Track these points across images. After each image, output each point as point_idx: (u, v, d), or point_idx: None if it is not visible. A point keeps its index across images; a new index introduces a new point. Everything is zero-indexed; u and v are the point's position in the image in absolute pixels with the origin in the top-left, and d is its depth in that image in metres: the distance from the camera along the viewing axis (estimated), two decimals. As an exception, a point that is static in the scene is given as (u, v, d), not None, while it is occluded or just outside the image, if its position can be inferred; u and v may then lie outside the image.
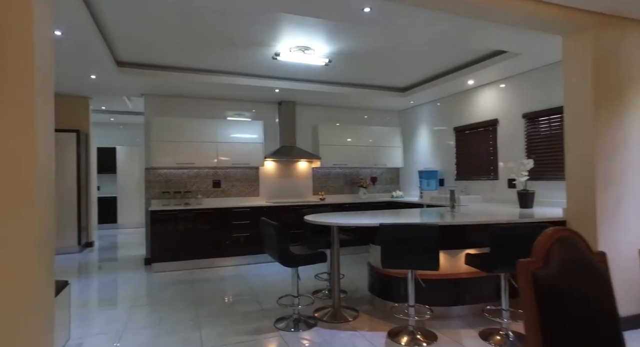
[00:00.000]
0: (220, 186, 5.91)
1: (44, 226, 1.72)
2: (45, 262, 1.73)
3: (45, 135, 1.78)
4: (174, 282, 4.51)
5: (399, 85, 5.80)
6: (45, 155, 1.77)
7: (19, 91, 1.59)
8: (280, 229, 2.92)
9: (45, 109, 1.78)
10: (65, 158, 6.33)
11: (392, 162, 6.72)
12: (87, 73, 4.49)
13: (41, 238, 1.67)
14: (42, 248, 1.70)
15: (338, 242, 3.42)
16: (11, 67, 1.59)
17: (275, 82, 5.27)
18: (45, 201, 1.75)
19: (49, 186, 1.81)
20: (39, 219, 1.66)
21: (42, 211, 1.70)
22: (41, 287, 1.69)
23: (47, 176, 1.77)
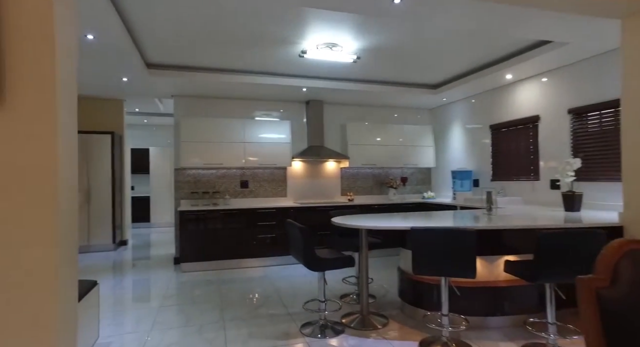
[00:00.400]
0: (247, 186, 5.90)
1: (65, 229, 1.69)
2: (66, 265, 1.70)
3: (67, 140, 1.75)
4: (201, 282, 4.52)
5: (430, 82, 5.57)
6: (67, 159, 1.74)
7: (40, 95, 1.57)
8: (306, 231, 2.81)
9: (67, 112, 1.76)
10: (100, 159, 6.54)
11: (424, 162, 6.47)
12: (119, 75, 4.59)
13: (62, 242, 1.64)
14: (63, 251, 1.67)
15: (367, 246, 3.27)
16: (32, 71, 1.56)
17: (303, 81, 5.18)
18: (66, 205, 1.72)
19: (70, 189, 1.78)
20: (60, 223, 1.63)
21: (63, 215, 1.67)
22: (62, 290, 1.66)
23: (68, 180, 1.74)
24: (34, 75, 1.59)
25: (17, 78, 1.57)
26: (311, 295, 3.98)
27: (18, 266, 1.55)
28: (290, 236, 3.14)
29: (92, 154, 6.51)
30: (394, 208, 5.98)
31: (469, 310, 2.97)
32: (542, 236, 2.28)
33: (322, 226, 5.51)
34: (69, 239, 1.72)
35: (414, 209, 6.07)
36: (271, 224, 5.38)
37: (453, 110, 6.27)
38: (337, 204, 5.70)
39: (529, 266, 2.46)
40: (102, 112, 6.98)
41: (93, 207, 6.48)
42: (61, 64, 1.66)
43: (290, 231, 3.08)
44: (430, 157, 6.51)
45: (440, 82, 5.55)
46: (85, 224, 6.44)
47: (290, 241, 3.15)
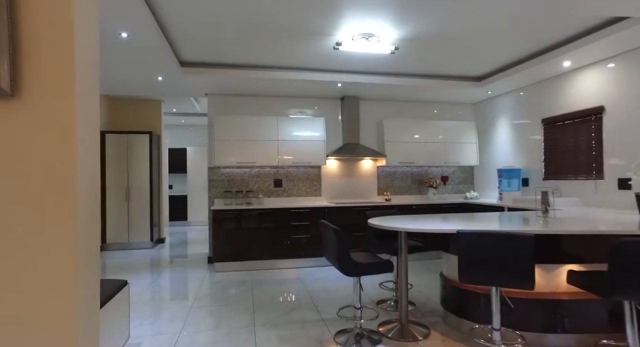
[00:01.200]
0: (281, 185, 5.78)
1: (84, 231, 1.58)
2: (86, 269, 1.60)
3: (87, 140, 1.64)
4: (234, 283, 4.43)
5: (474, 74, 5.18)
6: (87, 156, 1.64)
7: (59, 86, 1.47)
8: (342, 234, 2.61)
9: (88, 105, 1.65)
10: (138, 159, 6.67)
11: (466, 160, 6.07)
12: (154, 74, 4.60)
13: (81, 244, 1.53)
14: (83, 254, 1.57)
15: (406, 250, 3.02)
16: (49, 60, 1.47)
17: (338, 76, 4.98)
18: (86, 208, 1.62)
19: (91, 191, 1.68)
20: (79, 224, 1.53)
21: (82, 218, 1.56)
22: (82, 296, 1.55)
23: (88, 182, 1.64)
24: (52, 63, 1.49)
25: (34, 67, 1.48)
26: (346, 300, 3.77)
27: (34, 270, 1.46)
28: (324, 238, 2.96)
29: (131, 154, 6.66)
30: (434, 209, 5.64)
31: (523, 324, 2.64)
32: (620, 244, 1.93)
33: (357, 226, 5.29)
34: (89, 240, 1.62)
35: (455, 210, 5.70)
36: (305, 224, 5.23)
37: (499, 105, 5.83)
38: (373, 204, 5.46)
39: (601, 278, 2.12)
40: (141, 113, 7.15)
41: (132, 206, 6.63)
42: (80, 52, 1.56)
43: (324, 232, 2.89)
44: (473, 155, 6.10)
45: (485, 74, 5.15)
46: (125, 223, 6.60)
47: (325, 243, 2.96)
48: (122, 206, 6.59)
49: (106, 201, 6.52)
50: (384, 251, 3.48)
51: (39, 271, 1.45)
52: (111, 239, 6.55)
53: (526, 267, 2.09)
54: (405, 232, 2.99)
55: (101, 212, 6.45)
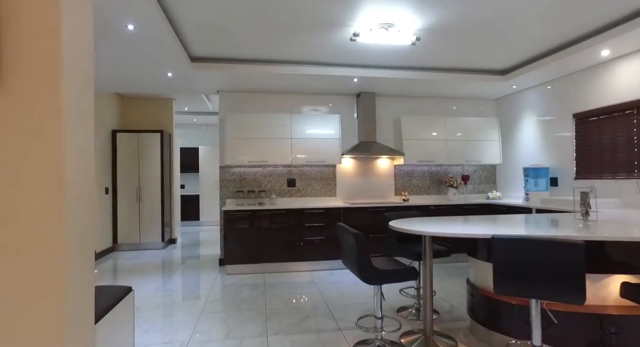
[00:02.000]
0: (294, 185, 5.58)
1: (74, 234, 1.40)
2: (78, 281, 1.42)
3: (78, 136, 1.45)
4: (246, 286, 4.25)
5: (498, 67, 4.89)
6: (78, 158, 1.45)
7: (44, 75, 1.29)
8: (362, 239, 2.39)
9: (78, 96, 1.47)
10: (149, 158, 6.56)
11: (488, 159, 5.77)
12: (164, 70, 4.45)
13: (71, 249, 1.35)
14: (73, 261, 1.38)
15: (431, 255, 2.78)
16: (34, 46, 1.28)
17: (354, 71, 4.75)
18: (77, 211, 1.43)
19: (83, 191, 1.49)
20: (69, 231, 1.34)
21: (72, 222, 1.38)
22: (72, 312, 1.37)
23: (80, 181, 1.45)
24: (36, 51, 1.31)
25: (16, 54, 1.30)
26: (364, 307, 3.54)
27: (14, 283, 1.28)
28: (342, 242, 2.74)
29: (142, 153, 6.55)
30: (455, 210, 5.37)
31: (565, 341, 2.38)
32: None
33: (374, 228, 5.06)
34: (81, 247, 1.43)
35: (478, 211, 5.42)
36: (320, 225, 5.02)
37: (524, 100, 5.51)
38: (390, 204, 5.21)
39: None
40: (153, 111, 7.04)
41: (143, 206, 6.52)
42: (69, 41, 1.37)
43: (342, 236, 2.67)
44: (495, 153, 5.79)
45: (510, 66, 4.85)
46: (137, 223, 6.50)
47: (342, 247, 2.74)
48: (133, 206, 6.48)
49: (117, 200, 6.42)
50: (405, 255, 3.24)
51: (20, 284, 1.27)
52: (122, 240, 6.45)
53: (575, 278, 1.83)
54: (429, 236, 2.75)
55: (112, 212, 6.36)
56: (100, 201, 5.95)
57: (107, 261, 5.72)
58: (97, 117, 5.88)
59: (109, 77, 4.72)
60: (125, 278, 4.67)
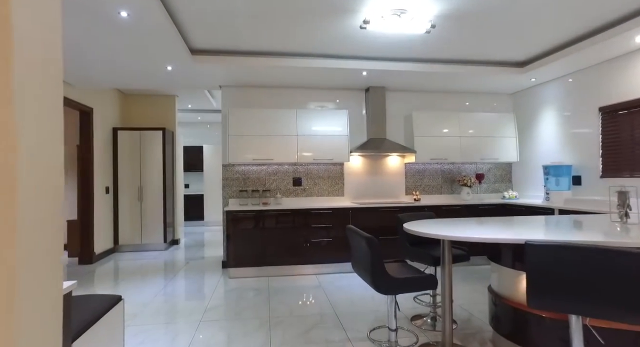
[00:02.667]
0: (300, 184, 5.34)
1: (33, 251, 1.16)
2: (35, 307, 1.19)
3: (39, 134, 1.22)
4: (249, 291, 4.02)
5: (516, 59, 4.60)
6: (38, 155, 1.21)
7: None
8: (375, 244, 2.14)
9: (40, 101, 1.23)
10: (151, 156, 6.36)
11: (504, 156, 5.48)
12: (163, 63, 4.23)
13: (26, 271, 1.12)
14: (30, 285, 1.15)
15: (450, 261, 2.52)
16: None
17: (363, 63, 4.50)
18: (37, 217, 1.19)
19: (47, 194, 1.25)
20: (24, 242, 1.11)
21: (29, 231, 1.14)
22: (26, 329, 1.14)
23: (42, 182, 1.22)
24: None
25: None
26: (375, 315, 3.29)
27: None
28: (353, 247, 2.49)
29: (144, 151, 6.35)
30: (469, 210, 5.09)
31: (604, 358, 2.10)
32: None
33: (385, 230, 4.81)
34: (43, 262, 1.20)
35: (494, 211, 5.13)
36: (327, 226, 4.77)
37: (543, 93, 5.21)
38: (401, 204, 4.95)
39: None
40: (155, 109, 6.85)
41: (145, 206, 6.33)
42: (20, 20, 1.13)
43: (353, 240, 2.42)
44: (511, 151, 5.50)
45: (529, 58, 4.56)
46: (138, 223, 6.30)
47: (353, 252, 2.49)
48: (135, 206, 6.29)
49: (118, 200, 6.23)
50: (421, 260, 2.99)
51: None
52: (123, 241, 6.26)
53: (633, 294, 1.56)
54: (448, 241, 2.50)
55: (113, 213, 6.17)
56: (101, 200, 5.76)
57: (108, 262, 5.53)
58: (97, 114, 5.69)
59: (105, 71, 4.52)
60: (125, 281, 4.47)
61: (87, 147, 5.46)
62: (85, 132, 5.46)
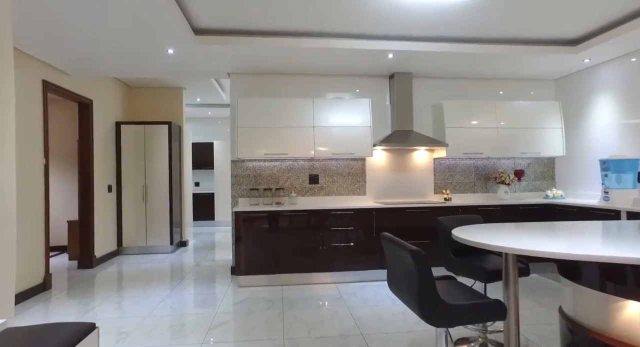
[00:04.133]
0: (317, 181, 4.81)
1: None
2: None
3: None
4: (260, 304, 3.51)
5: (568, 36, 3.96)
6: None
7: None
8: (424, 260, 1.60)
9: None
10: (156, 152, 5.93)
11: (547, 150, 4.83)
12: (163, 46, 3.75)
13: None
14: None
15: (517, 280, 1.95)
16: None
17: (389, 44, 3.93)
18: None
19: None
20: None
21: None
22: None
23: None
24: None
25: None
26: (409, 336, 2.74)
27: None
28: (390, 262, 1.94)
29: (149, 147, 5.92)
30: (509, 211, 4.48)
31: None
32: None
33: (413, 233, 4.26)
34: None
35: (538, 213, 4.51)
36: (348, 229, 4.23)
37: (598, 76, 4.54)
38: (431, 204, 4.37)
39: None
40: (160, 102, 6.42)
41: (150, 206, 5.90)
42: None
43: (391, 253, 1.88)
44: (556, 143, 4.84)
45: (584, 34, 3.92)
46: (143, 224, 5.88)
47: (391, 268, 1.95)
48: (139, 206, 5.87)
49: (122, 200, 5.82)
50: (469, 274, 2.43)
51: None
52: (127, 243, 5.85)
53: None
54: (514, 255, 1.93)
55: (116, 213, 5.76)
56: (103, 199, 5.34)
57: (110, 266, 5.11)
58: (98, 106, 5.27)
59: (100, 56, 4.06)
60: (124, 290, 4.02)
61: (86, 142, 5.04)
62: (84, 125, 5.04)
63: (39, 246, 3.99)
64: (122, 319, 3.18)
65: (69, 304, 3.59)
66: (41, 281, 3.99)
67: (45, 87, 4.10)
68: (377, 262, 4.25)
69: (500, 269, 2.28)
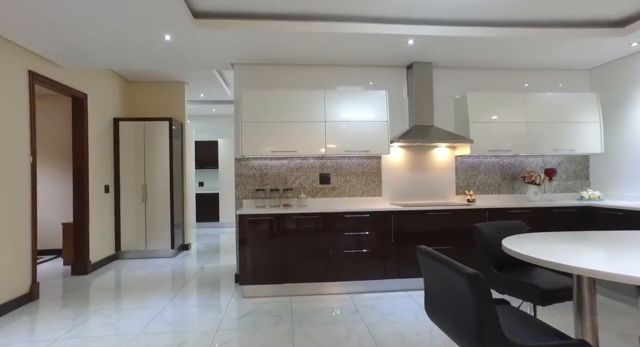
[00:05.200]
0: (329, 182, 4.41)
1: None
2: None
3: None
4: (267, 319, 3.13)
5: (612, 16, 3.52)
6: None
7: None
8: (485, 288, 1.19)
9: None
10: (157, 150, 5.57)
11: (583, 146, 4.38)
12: (159, 31, 3.38)
13: None
14: None
15: (594, 310, 1.54)
16: None
17: (409, 28, 3.52)
18: None
19: None
20: None
21: None
22: None
23: None
24: None
25: None
26: (443, 367, 2.33)
27: None
28: (430, 282, 1.54)
29: (148, 144, 5.57)
30: (541, 215, 4.04)
31: None
32: None
33: (434, 239, 3.85)
34: None
35: (575, 216, 4.07)
36: (363, 234, 3.83)
37: None
38: (455, 206, 3.95)
39: None
40: (161, 97, 6.07)
41: (150, 207, 5.54)
42: None
43: (432, 272, 1.47)
44: (593, 139, 4.39)
45: (631, 14, 3.47)
46: (142, 226, 5.53)
47: (431, 291, 1.54)
48: (139, 207, 5.52)
49: (120, 201, 5.47)
50: (517, 294, 2.02)
51: None
52: (126, 247, 5.50)
53: None
54: (590, 278, 1.51)
55: (114, 215, 5.41)
56: (99, 200, 5.00)
57: (106, 272, 4.76)
58: (93, 101, 4.92)
59: (88, 44, 3.70)
60: (117, 300, 3.66)
61: (80, 139, 4.69)
62: (78, 121, 4.69)
63: (25, 252, 3.65)
64: (111, 337, 2.82)
65: (56, 318, 3.24)
66: (27, 291, 3.64)
67: (31, 78, 3.75)
68: (395, 270, 3.84)
69: (558, 289, 1.86)
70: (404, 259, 3.85)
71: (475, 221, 3.96)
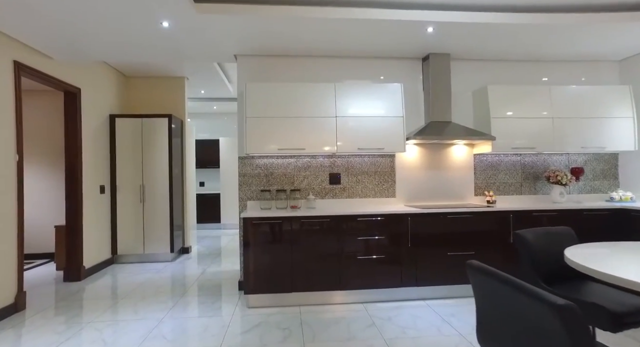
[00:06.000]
0: (339, 182, 4.10)
1: None
2: None
3: None
4: (274, 334, 2.82)
5: (651, 2, 3.21)
6: None
7: None
8: (582, 323, 0.88)
9: None
10: (155, 148, 5.27)
11: (613, 143, 4.06)
12: (156, 17, 3.08)
13: None
14: None
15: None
16: None
17: (428, 14, 3.22)
18: None
19: None
20: None
21: None
22: None
23: None
24: None
25: None
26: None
27: None
28: (486, 306, 1.22)
29: (146, 143, 5.27)
30: (571, 217, 3.72)
31: None
32: None
33: (453, 243, 3.54)
34: None
35: (609, 220, 3.75)
36: (377, 238, 3.52)
37: (674, 57, 3.77)
38: (476, 208, 3.64)
39: None
40: (160, 93, 5.78)
41: (148, 208, 5.25)
42: None
43: (491, 294, 1.16)
44: (626, 136, 4.06)
45: (674, -1, 3.16)
46: (140, 229, 5.23)
47: (488, 316, 1.23)
48: (136, 208, 5.23)
49: (116, 202, 5.18)
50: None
51: None
52: (123, 250, 5.20)
53: None
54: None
55: (110, 216, 5.12)
56: (94, 202, 4.70)
57: (101, 278, 4.46)
58: (87, 96, 4.62)
59: (80, 33, 3.40)
60: (112, 311, 3.36)
61: (73, 136, 4.40)
62: (71, 117, 4.39)
63: (10, 258, 3.35)
64: (101, 356, 2.52)
65: (42, 332, 2.94)
66: (12, 301, 3.34)
67: (17, 69, 3.45)
68: (412, 278, 3.53)
69: (632, 312, 1.55)
70: (422, 265, 3.55)
71: (499, 224, 3.65)
